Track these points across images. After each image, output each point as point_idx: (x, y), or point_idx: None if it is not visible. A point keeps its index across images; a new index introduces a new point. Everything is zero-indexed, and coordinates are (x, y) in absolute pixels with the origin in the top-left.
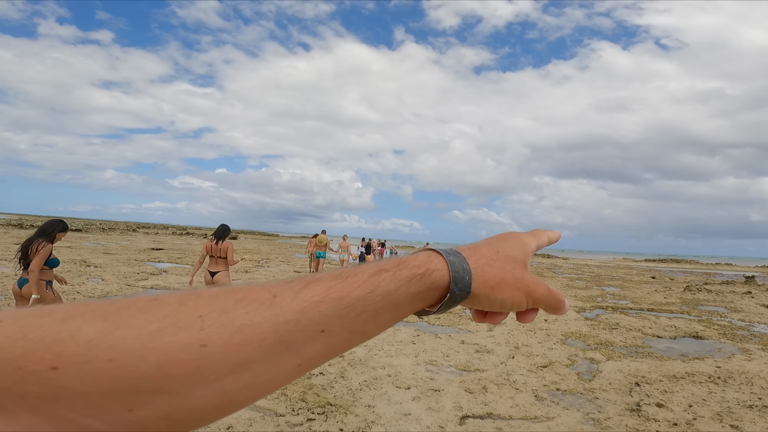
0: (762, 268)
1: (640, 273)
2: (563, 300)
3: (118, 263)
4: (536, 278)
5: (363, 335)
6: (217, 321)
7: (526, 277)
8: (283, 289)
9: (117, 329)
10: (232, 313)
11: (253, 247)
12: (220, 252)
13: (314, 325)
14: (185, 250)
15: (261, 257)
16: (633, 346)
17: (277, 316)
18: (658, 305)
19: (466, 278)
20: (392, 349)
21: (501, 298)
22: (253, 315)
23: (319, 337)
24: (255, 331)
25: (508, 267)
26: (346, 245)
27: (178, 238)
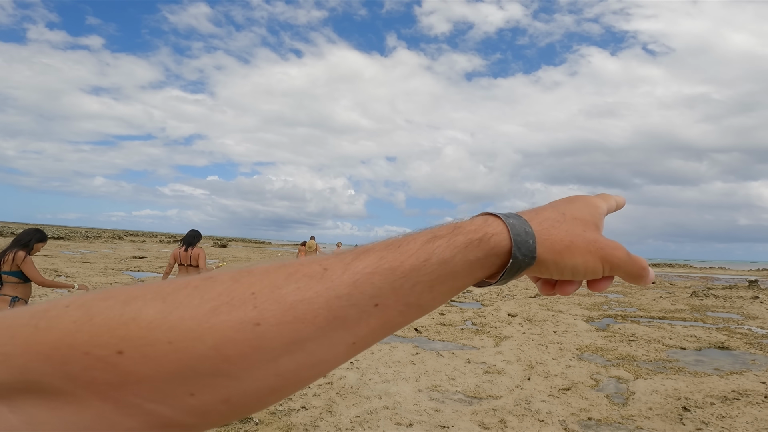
0: (758, 271)
1: None
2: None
3: (92, 273)
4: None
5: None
6: (269, 297)
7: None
8: (334, 262)
9: (175, 309)
10: (284, 288)
11: (243, 255)
12: (191, 260)
13: (367, 298)
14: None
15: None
16: (658, 360)
17: (329, 291)
18: (668, 313)
19: (529, 242)
20: (389, 372)
21: (572, 264)
22: (305, 290)
23: (373, 311)
24: (307, 308)
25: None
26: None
27: (164, 247)
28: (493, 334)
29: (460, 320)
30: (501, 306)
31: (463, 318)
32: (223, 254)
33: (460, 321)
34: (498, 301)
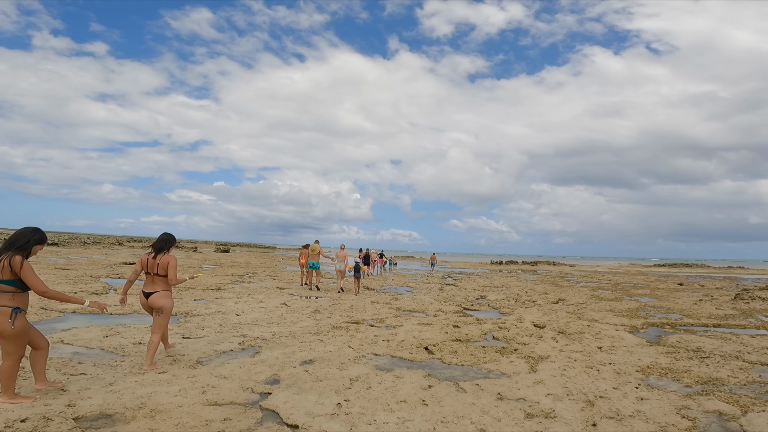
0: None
1: (661, 279)
2: None
3: (65, 281)
4: None
5: None
6: None
7: None
8: None
9: None
10: None
11: (243, 260)
12: (158, 268)
13: None
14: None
15: (246, 271)
16: (753, 384)
17: None
18: (720, 319)
19: None
20: (391, 421)
21: None
22: None
23: None
24: None
25: None
26: (344, 255)
27: None
28: (523, 354)
29: (479, 334)
30: (523, 315)
31: (482, 331)
32: (223, 260)
33: (479, 335)
34: (518, 308)
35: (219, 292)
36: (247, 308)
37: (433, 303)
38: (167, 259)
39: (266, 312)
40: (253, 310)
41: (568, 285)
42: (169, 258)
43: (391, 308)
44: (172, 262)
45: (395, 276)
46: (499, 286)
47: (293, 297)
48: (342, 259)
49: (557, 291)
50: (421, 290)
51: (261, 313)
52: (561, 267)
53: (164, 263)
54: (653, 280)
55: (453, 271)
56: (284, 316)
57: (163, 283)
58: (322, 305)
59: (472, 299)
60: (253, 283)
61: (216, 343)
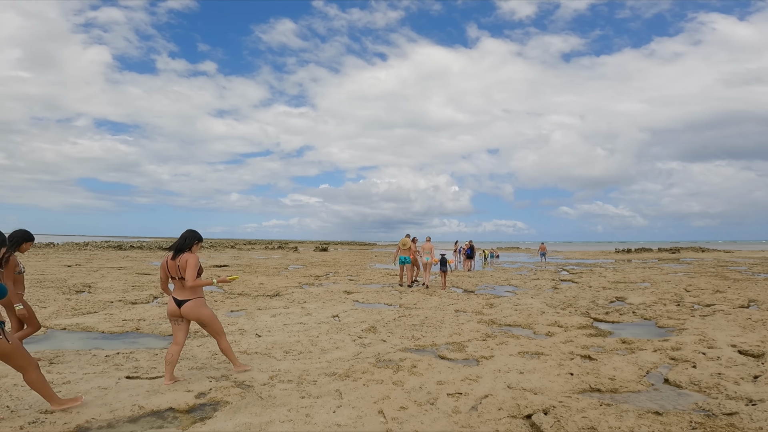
0: None
1: None
2: None
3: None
4: None
5: None
6: None
7: None
8: None
9: None
10: None
11: (334, 259)
12: (179, 270)
13: None
14: (246, 266)
15: (328, 271)
16: None
17: None
18: None
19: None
20: None
21: None
22: None
23: None
24: None
25: None
26: (430, 247)
27: (271, 252)
28: None
29: (636, 376)
30: (706, 330)
31: (640, 368)
32: (315, 258)
33: (636, 378)
34: (688, 318)
35: (269, 300)
36: (280, 324)
37: (545, 311)
38: (186, 258)
39: (302, 330)
40: (286, 327)
41: (744, 278)
42: (188, 257)
43: (482, 321)
44: (191, 261)
45: (496, 271)
46: (640, 282)
47: (356, 305)
48: (428, 251)
49: (735, 288)
50: (527, 290)
51: (293, 331)
52: (714, 254)
53: (183, 263)
54: None
55: (567, 262)
56: (320, 337)
57: (195, 289)
58: (384, 318)
59: (603, 303)
60: (323, 285)
61: (156, 391)
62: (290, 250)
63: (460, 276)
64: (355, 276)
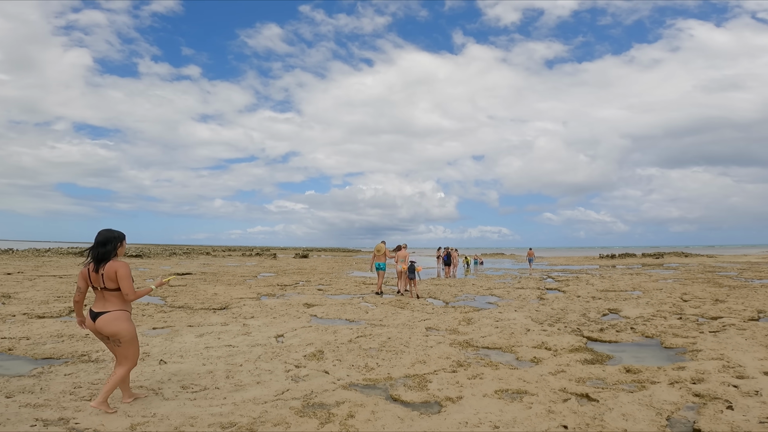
0: None
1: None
2: None
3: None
4: None
5: None
6: None
7: None
8: None
9: None
10: None
11: (311, 266)
12: (104, 281)
13: None
14: (211, 274)
15: (299, 279)
16: None
17: None
18: None
19: None
20: None
21: None
22: None
23: None
24: None
25: None
26: (404, 255)
27: (247, 259)
28: None
29: (653, 427)
30: (726, 353)
31: (657, 412)
32: (293, 266)
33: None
34: (698, 335)
35: (209, 315)
36: (202, 347)
37: (530, 328)
38: (114, 268)
39: (225, 356)
40: (206, 351)
41: (739, 284)
42: (117, 267)
43: (455, 343)
44: (122, 271)
45: (479, 279)
46: (630, 290)
47: (313, 321)
48: (402, 259)
49: (735, 296)
50: (510, 301)
51: (212, 357)
52: (697, 258)
53: (110, 274)
54: None
55: (553, 269)
56: (244, 366)
57: (118, 300)
58: (338, 339)
59: (596, 317)
60: (286, 296)
61: None
62: (269, 257)
63: (440, 285)
64: (327, 285)
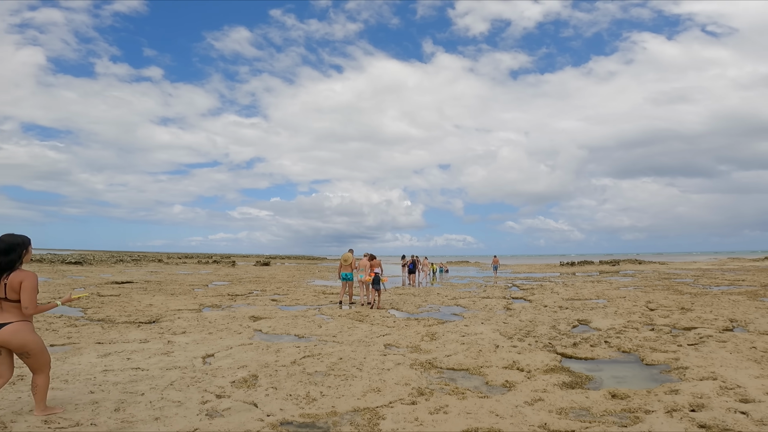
0: None
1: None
2: None
3: None
4: None
5: None
6: None
7: None
8: None
9: None
10: None
11: (270, 274)
12: (7, 291)
13: None
14: (156, 282)
15: (254, 288)
16: None
17: None
18: None
19: None
20: None
21: None
22: None
23: None
24: None
25: None
26: (366, 264)
27: (202, 266)
28: None
29: None
30: (719, 371)
31: None
32: (251, 274)
33: None
34: (679, 349)
35: (131, 329)
36: (99, 369)
37: (499, 344)
38: (20, 278)
39: (127, 381)
40: (104, 374)
41: (699, 291)
42: (23, 276)
43: (416, 364)
44: (27, 282)
45: (444, 287)
46: (595, 299)
47: (256, 337)
48: (365, 268)
49: (700, 304)
50: (477, 312)
51: (107, 384)
52: (650, 265)
53: (15, 284)
54: None
55: (517, 276)
56: (146, 396)
57: (19, 311)
58: (280, 360)
59: (566, 329)
60: (233, 308)
61: None
62: (227, 264)
63: (404, 294)
64: (284, 295)
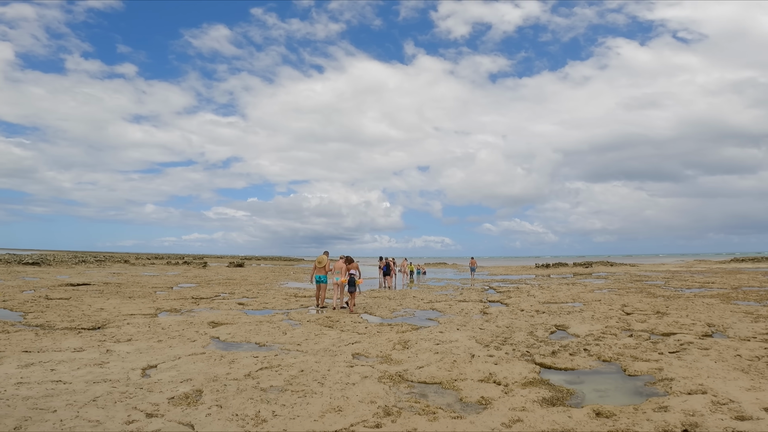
0: None
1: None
2: None
3: None
4: None
5: None
6: None
7: None
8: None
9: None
10: None
11: (245, 276)
12: None
13: None
14: (115, 284)
15: (222, 291)
16: None
17: None
18: None
19: None
20: None
21: None
22: None
23: None
24: None
25: None
26: (341, 266)
27: (171, 267)
28: None
29: None
30: (712, 386)
31: None
32: (222, 275)
33: None
34: (661, 357)
35: (70, 335)
36: (10, 383)
37: (475, 353)
38: None
39: (38, 396)
40: (13, 388)
41: (672, 294)
42: None
43: (385, 377)
44: None
45: (420, 290)
46: (571, 302)
47: (212, 345)
48: (339, 271)
49: (675, 308)
50: (453, 316)
51: (16, 397)
52: (621, 267)
53: None
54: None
55: (493, 279)
56: (57, 414)
57: None
58: (233, 373)
59: (544, 335)
60: (193, 312)
61: None
62: (198, 265)
63: (379, 297)
64: (253, 297)
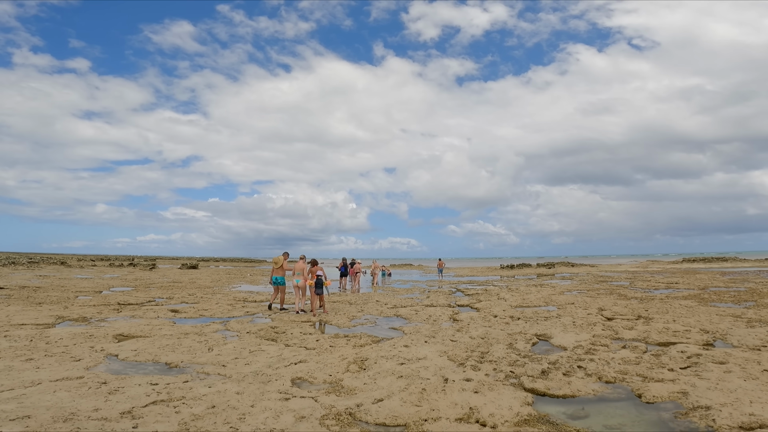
0: None
1: (734, 280)
2: None
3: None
4: None
5: None
6: None
7: None
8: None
9: None
10: None
11: (194, 278)
12: None
13: None
14: (33, 288)
15: (157, 296)
16: None
17: None
18: None
19: None
20: None
21: None
22: None
23: None
24: None
25: None
26: (301, 267)
27: (114, 270)
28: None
29: None
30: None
31: None
32: (168, 277)
33: None
34: (674, 372)
35: None
36: None
37: (447, 375)
38: None
39: None
40: None
41: (645, 296)
42: None
43: (330, 416)
44: None
45: (385, 293)
46: (544, 305)
47: (104, 364)
48: (300, 272)
49: (656, 312)
50: (419, 324)
51: None
52: (582, 268)
53: None
54: (729, 282)
55: (460, 280)
56: None
57: None
58: (100, 410)
59: (526, 348)
60: (106, 322)
61: None
62: (146, 267)
63: (338, 302)
64: (192, 304)
